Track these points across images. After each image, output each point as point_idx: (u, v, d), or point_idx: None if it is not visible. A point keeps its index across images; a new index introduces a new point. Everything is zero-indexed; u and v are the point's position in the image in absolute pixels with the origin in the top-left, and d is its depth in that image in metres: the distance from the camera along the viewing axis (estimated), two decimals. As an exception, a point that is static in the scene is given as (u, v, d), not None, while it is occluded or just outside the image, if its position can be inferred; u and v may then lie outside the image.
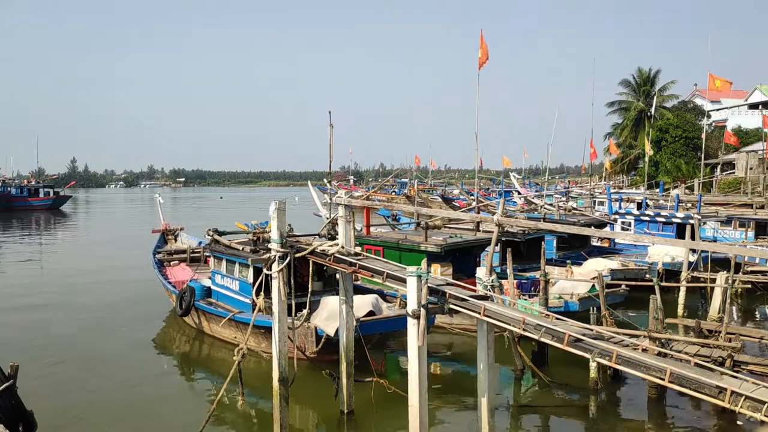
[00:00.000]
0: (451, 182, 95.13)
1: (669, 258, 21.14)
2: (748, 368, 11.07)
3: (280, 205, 10.33)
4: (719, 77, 30.79)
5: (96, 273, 27.94)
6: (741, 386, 6.56)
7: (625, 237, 21.42)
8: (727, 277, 16.61)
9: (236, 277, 15.85)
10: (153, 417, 11.75)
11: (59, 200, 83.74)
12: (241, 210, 74.23)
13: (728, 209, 30.35)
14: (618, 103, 69.25)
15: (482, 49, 19.86)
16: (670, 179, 48.50)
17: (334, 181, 34.12)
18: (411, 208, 27.10)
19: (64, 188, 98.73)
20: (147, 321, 18.76)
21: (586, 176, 61.36)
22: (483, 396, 8.83)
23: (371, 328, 13.38)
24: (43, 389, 12.66)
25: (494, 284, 13.21)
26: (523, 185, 50.13)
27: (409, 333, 8.57)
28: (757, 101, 52.43)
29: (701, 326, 13.39)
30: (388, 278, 9.64)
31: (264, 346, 14.26)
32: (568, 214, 25.91)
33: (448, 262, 17.33)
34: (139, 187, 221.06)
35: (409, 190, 58.81)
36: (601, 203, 38.25)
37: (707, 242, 19.15)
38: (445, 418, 11.71)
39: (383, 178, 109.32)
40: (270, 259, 10.49)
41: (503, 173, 65.48)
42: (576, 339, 7.77)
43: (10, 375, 8.34)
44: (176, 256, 22.17)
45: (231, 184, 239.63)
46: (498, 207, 14.93)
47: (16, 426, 8.33)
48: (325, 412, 11.77)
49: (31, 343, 16.36)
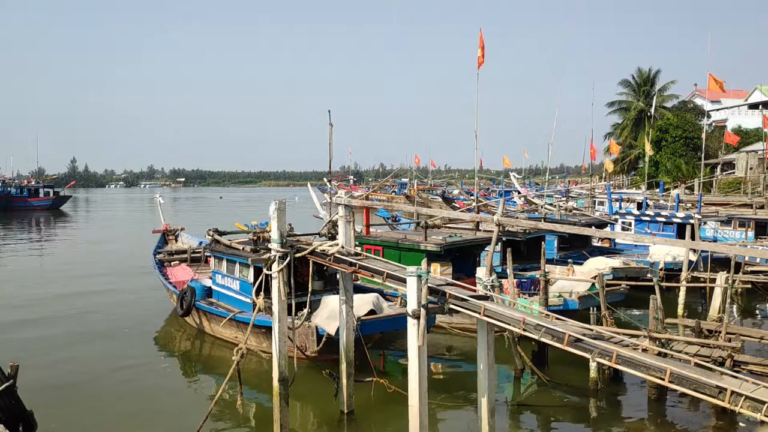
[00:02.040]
0: (451, 182, 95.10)
1: (670, 258, 21.14)
2: (748, 368, 11.06)
3: (280, 205, 10.33)
4: (718, 77, 30.74)
5: (96, 273, 27.92)
6: (741, 386, 6.56)
7: (625, 237, 21.40)
8: (727, 277, 16.60)
9: (237, 277, 15.85)
10: (153, 416, 11.76)
11: (59, 200, 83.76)
12: (241, 210, 74.29)
13: (728, 209, 30.36)
14: (618, 103, 69.28)
15: (481, 49, 19.85)
16: (670, 179, 48.51)
17: (334, 181, 34.14)
18: (411, 208, 27.10)
19: (64, 188, 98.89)
20: (148, 321, 18.77)
21: (586, 176, 61.35)
22: (483, 396, 8.84)
23: (372, 327, 13.38)
24: (43, 389, 12.65)
25: (494, 284, 13.21)
26: (523, 185, 50.12)
27: (409, 333, 8.57)
28: (757, 101, 52.45)
29: (701, 326, 13.38)
30: (388, 278, 9.63)
31: (265, 345, 14.25)
32: (568, 214, 25.90)
33: (447, 262, 17.32)
34: (139, 187, 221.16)
35: (409, 190, 58.78)
36: (602, 203, 38.27)
37: (707, 242, 19.14)
38: (445, 418, 11.72)
39: (383, 178, 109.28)
40: (270, 259, 10.50)
41: (503, 173, 65.49)
42: (576, 339, 7.77)
43: (10, 375, 8.35)
44: (177, 257, 22.18)
45: (231, 184, 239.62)
46: (498, 207, 14.94)
47: (16, 426, 8.34)
48: (325, 412, 11.77)
49: (31, 343, 16.35)
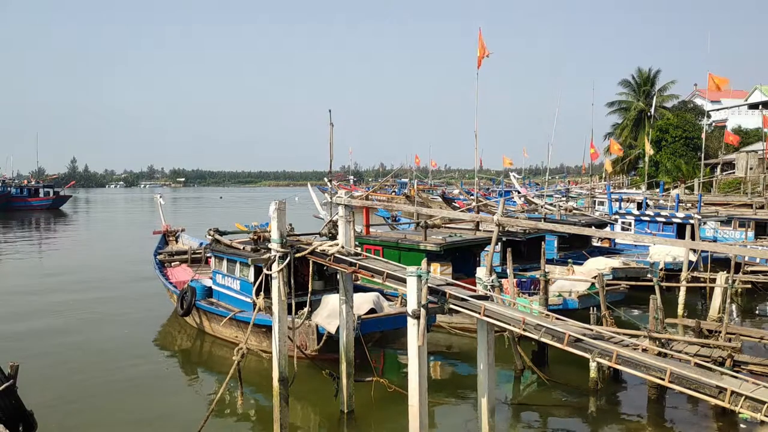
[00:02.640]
0: (451, 182, 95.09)
1: (671, 258, 21.14)
2: (748, 368, 11.07)
3: (280, 205, 10.33)
4: (719, 77, 30.72)
5: (97, 273, 27.93)
6: (741, 386, 6.56)
7: (625, 237, 21.41)
8: (727, 277, 16.62)
9: (237, 277, 15.85)
10: (153, 416, 11.75)
11: (59, 200, 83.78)
12: (241, 210, 74.30)
13: (728, 209, 30.34)
14: (618, 103, 69.28)
15: (481, 48, 19.86)
16: (670, 179, 48.53)
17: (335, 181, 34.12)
18: (411, 208, 27.07)
19: (64, 188, 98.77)
20: (148, 321, 18.77)
21: (586, 176, 61.39)
22: (483, 396, 8.84)
23: (372, 326, 13.37)
24: (43, 389, 12.65)
25: (494, 284, 13.20)
26: (523, 185, 50.14)
27: (409, 333, 8.57)
28: (757, 101, 52.44)
29: (701, 326, 13.39)
30: (388, 278, 9.62)
31: (265, 345, 14.25)
32: (568, 214, 25.90)
33: (447, 262, 17.33)
34: (139, 187, 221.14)
35: (409, 190, 58.78)
36: (602, 203, 38.27)
37: (707, 242, 19.13)
38: (445, 418, 11.72)
39: (383, 178, 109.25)
40: (270, 258, 10.50)
41: (503, 173, 65.48)
42: (576, 339, 7.77)
43: (10, 375, 8.36)
44: (177, 257, 22.16)
45: (231, 184, 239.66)
46: (498, 207, 14.93)
47: (16, 426, 8.35)
48: (325, 412, 11.77)
49: (32, 343, 16.36)
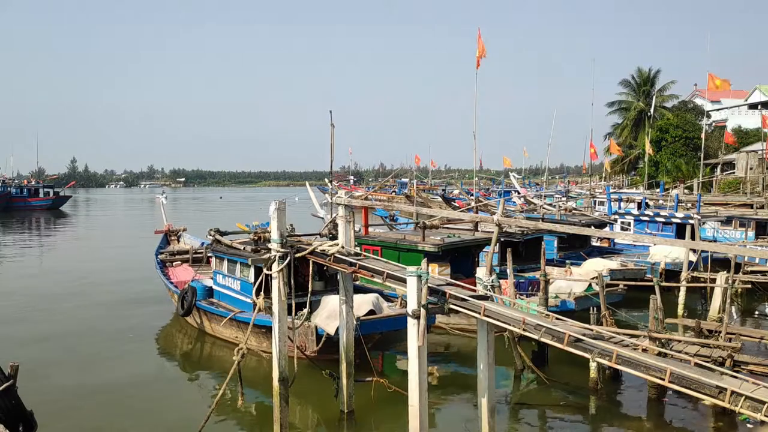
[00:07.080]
0: (451, 182, 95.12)
1: (671, 258, 21.10)
2: (748, 368, 11.08)
3: (280, 205, 10.33)
4: (719, 77, 30.76)
5: (97, 273, 27.92)
6: (741, 386, 6.55)
7: (624, 237, 21.44)
8: (727, 277, 16.61)
9: (237, 277, 15.85)
10: (154, 416, 11.75)
11: (59, 200, 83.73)
12: (241, 210, 74.27)
13: (728, 209, 30.35)
14: (618, 103, 69.36)
15: (480, 49, 19.88)
16: (670, 179, 48.53)
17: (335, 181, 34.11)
18: (410, 208, 27.07)
19: (64, 188, 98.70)
20: (149, 321, 18.75)
21: (586, 176, 61.37)
22: (483, 396, 8.84)
23: (371, 327, 13.37)
24: (43, 389, 12.66)
25: (494, 284, 13.21)
26: (523, 185, 50.18)
27: (409, 333, 8.57)
28: (757, 101, 52.49)
29: (701, 326, 13.40)
30: (388, 278, 9.62)
31: (265, 345, 14.25)
32: (568, 214, 25.90)
33: (446, 262, 17.32)
34: (139, 187, 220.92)
35: (409, 190, 58.79)
36: (601, 203, 38.29)
37: (707, 242, 19.13)
38: (445, 418, 11.72)
39: (383, 178, 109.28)
40: (270, 259, 10.50)
41: (503, 173, 65.53)
42: (576, 339, 7.77)
43: (10, 375, 8.35)
44: (179, 257, 22.16)
45: (231, 184, 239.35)
46: (498, 207, 14.94)
47: (16, 426, 8.33)
48: (325, 412, 11.78)
49: (32, 343, 16.36)
